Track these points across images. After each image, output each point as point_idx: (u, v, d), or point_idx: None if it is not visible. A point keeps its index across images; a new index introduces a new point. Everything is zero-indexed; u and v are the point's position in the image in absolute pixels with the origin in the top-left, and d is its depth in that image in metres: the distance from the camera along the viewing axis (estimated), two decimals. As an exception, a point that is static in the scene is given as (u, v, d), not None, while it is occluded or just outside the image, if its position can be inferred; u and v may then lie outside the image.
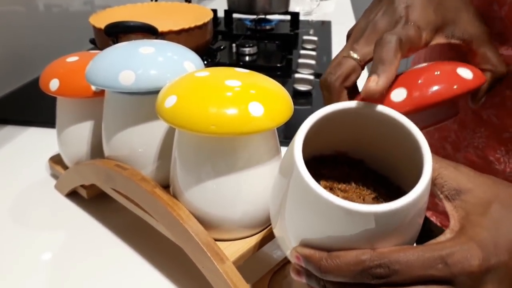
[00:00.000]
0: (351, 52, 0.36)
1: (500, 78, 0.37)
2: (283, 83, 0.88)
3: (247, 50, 1.00)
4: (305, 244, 0.28)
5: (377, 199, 0.31)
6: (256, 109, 0.33)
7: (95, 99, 0.48)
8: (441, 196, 0.28)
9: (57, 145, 0.53)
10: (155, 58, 0.41)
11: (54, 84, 0.47)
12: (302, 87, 0.81)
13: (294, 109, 0.37)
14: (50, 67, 0.49)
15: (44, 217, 0.50)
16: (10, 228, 0.48)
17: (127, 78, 0.39)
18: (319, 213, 0.26)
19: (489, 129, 0.43)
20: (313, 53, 0.94)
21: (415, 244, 0.28)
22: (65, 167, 0.54)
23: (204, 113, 0.33)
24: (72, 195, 0.53)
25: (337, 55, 0.37)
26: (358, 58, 0.35)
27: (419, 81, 0.33)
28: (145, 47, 0.41)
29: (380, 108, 0.29)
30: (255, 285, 0.38)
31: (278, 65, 0.95)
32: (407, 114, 0.32)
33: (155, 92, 0.39)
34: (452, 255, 0.25)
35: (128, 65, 0.39)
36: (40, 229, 0.49)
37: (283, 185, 0.29)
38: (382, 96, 0.33)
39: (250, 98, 0.34)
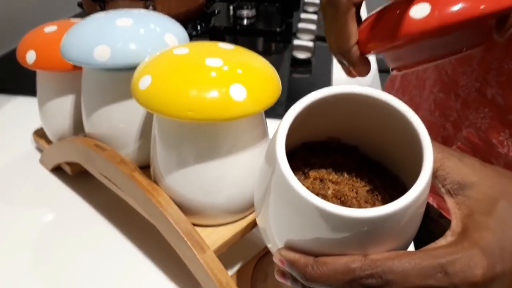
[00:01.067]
0: None
1: None
2: (282, 51, 0.85)
3: (245, 13, 0.95)
4: (290, 246, 0.26)
5: (372, 192, 0.29)
6: (238, 93, 0.31)
7: (75, 72, 0.45)
8: (443, 190, 0.26)
9: (39, 119, 0.51)
10: (133, 31, 0.37)
11: (30, 57, 0.44)
12: (301, 55, 0.77)
13: (293, 78, 0.34)
14: (27, 38, 0.46)
15: (29, 193, 0.49)
16: (-8, 206, 0.47)
17: (102, 54, 0.36)
18: (303, 215, 0.24)
19: (493, 110, 0.40)
20: (314, 17, 0.89)
21: (412, 244, 0.26)
22: (49, 142, 0.52)
23: (181, 97, 0.30)
24: (57, 170, 0.51)
25: None
26: None
27: None
28: (122, 19, 0.38)
29: (376, 93, 0.26)
30: (239, 272, 0.37)
31: (277, 29, 0.91)
32: (430, 34, 0.28)
33: (134, 68, 0.36)
34: (453, 263, 0.22)
35: (103, 39, 0.36)
36: (24, 205, 0.47)
37: (267, 174, 0.27)
38: (395, 14, 0.28)
39: (232, 80, 0.31)
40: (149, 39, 0.38)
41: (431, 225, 0.49)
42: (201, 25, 0.78)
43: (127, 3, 0.64)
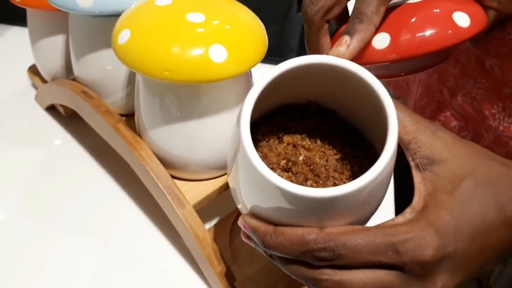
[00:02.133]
0: None
1: (504, 20, 0.31)
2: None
3: None
4: (254, 213, 0.26)
5: (342, 161, 0.29)
6: (218, 54, 0.29)
7: (64, 12, 0.43)
8: (412, 164, 0.26)
9: (32, 57, 0.50)
10: (118, -25, 0.35)
11: (18, -7, 0.43)
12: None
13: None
14: (14, -27, 0.44)
15: (22, 129, 0.50)
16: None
17: (85, 0, 0.35)
18: (264, 190, 0.24)
19: (490, 81, 0.39)
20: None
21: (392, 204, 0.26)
22: (44, 79, 0.51)
23: (158, 55, 0.29)
24: (52, 109, 0.52)
25: None
26: None
27: (407, 26, 0.29)
28: (107, -40, 0.36)
29: (346, 64, 0.25)
30: (217, 225, 0.38)
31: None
32: (390, 62, 0.30)
33: (118, 14, 0.34)
34: (405, 242, 0.23)
35: (86, -17, 0.35)
36: (16, 141, 0.48)
37: (236, 138, 0.27)
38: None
39: (213, 39, 0.30)
40: (135, -16, 0.36)
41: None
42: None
43: None
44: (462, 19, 0.29)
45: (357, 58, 0.30)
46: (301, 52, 0.26)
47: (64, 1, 0.35)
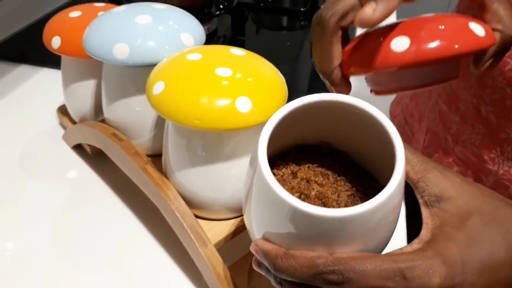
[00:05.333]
0: None
1: (509, 43, 0.32)
2: (306, 31, 0.84)
3: (270, -11, 0.94)
4: (266, 238, 0.28)
5: (353, 197, 0.30)
6: (243, 105, 0.32)
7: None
8: (421, 201, 0.27)
9: (63, 98, 0.53)
10: (151, 29, 0.39)
11: (56, 42, 0.47)
12: (321, 40, 0.77)
13: (313, 62, 0.35)
14: (53, 23, 0.48)
15: (50, 167, 0.53)
16: (17, 177, 0.51)
17: (122, 52, 0.38)
18: (276, 210, 0.25)
19: (487, 127, 0.41)
20: (340, -2, 0.87)
21: (397, 244, 0.27)
22: (72, 119, 0.55)
23: (189, 105, 0.32)
24: (78, 147, 0.55)
25: None
26: None
27: (426, 32, 0.29)
28: (141, 16, 0.40)
29: (355, 101, 0.27)
30: (236, 264, 0.40)
31: (302, 9, 0.90)
32: (407, 66, 0.29)
33: (151, 65, 0.38)
34: (412, 269, 0.23)
35: (122, 37, 0.38)
36: (44, 179, 0.51)
37: (249, 177, 0.29)
38: (378, 42, 0.29)
39: (239, 92, 0.33)
40: (167, 38, 0.39)
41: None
42: (224, 3, 0.78)
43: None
44: (478, 29, 0.30)
45: (375, 62, 0.30)
46: (310, 92, 0.28)
47: (102, 52, 0.38)
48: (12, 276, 0.41)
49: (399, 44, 0.29)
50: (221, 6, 0.78)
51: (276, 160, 0.32)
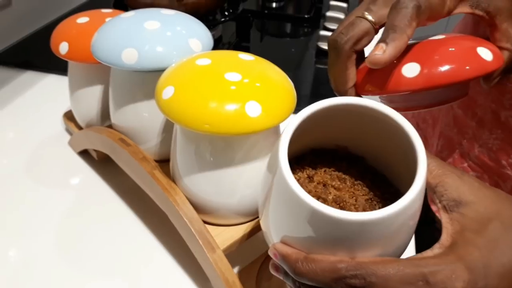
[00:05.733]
0: (366, 13, 0.33)
1: None
2: (309, 38, 0.85)
3: (274, -4, 0.95)
4: (285, 242, 0.27)
5: (371, 201, 0.30)
6: (253, 109, 0.32)
7: (105, 65, 0.47)
8: (439, 205, 0.27)
9: (70, 104, 0.53)
10: (159, 34, 0.39)
11: (63, 48, 0.47)
12: (326, 46, 0.77)
13: (317, 69, 0.36)
14: (60, 29, 0.49)
15: (56, 173, 0.53)
16: (22, 182, 0.51)
17: (130, 57, 0.38)
18: (297, 213, 0.25)
19: (506, 132, 0.41)
20: (344, 5, 0.88)
21: (406, 253, 0.27)
22: (78, 125, 0.55)
23: (199, 110, 0.32)
24: (84, 153, 0.55)
25: (351, 14, 0.34)
26: (373, 20, 0.33)
27: (435, 57, 0.31)
28: (150, 22, 0.40)
29: (376, 105, 0.27)
30: (245, 270, 0.39)
31: (306, 16, 0.90)
32: (417, 91, 0.31)
33: (159, 70, 0.38)
34: (435, 273, 0.23)
35: (131, 42, 0.38)
36: (50, 184, 0.51)
37: (268, 180, 0.29)
38: (390, 67, 0.31)
39: (249, 96, 0.33)
40: (175, 43, 0.39)
41: (437, 234, 0.50)
42: (229, 10, 0.78)
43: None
44: (486, 54, 0.31)
45: (387, 86, 0.31)
46: (313, 99, 0.29)
47: (111, 58, 0.39)
48: (17, 281, 0.41)
49: (410, 70, 0.31)
50: (226, 13, 0.78)
51: (292, 164, 0.32)
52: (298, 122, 0.27)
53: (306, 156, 0.33)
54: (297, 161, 0.33)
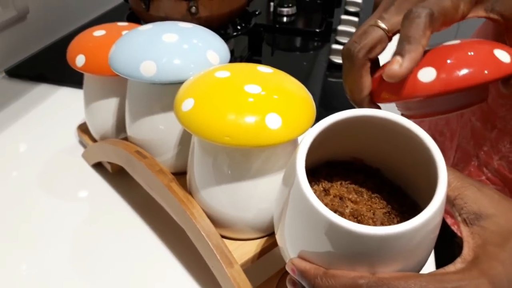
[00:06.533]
0: (379, 21, 0.33)
1: None
2: (320, 52, 0.85)
3: (285, 10, 0.95)
4: (303, 257, 0.27)
5: (389, 215, 0.30)
6: (273, 122, 0.32)
7: (121, 77, 0.47)
8: (459, 218, 0.26)
9: (84, 116, 0.53)
10: (177, 47, 0.39)
11: (80, 60, 0.47)
12: (338, 60, 0.77)
13: (329, 82, 0.36)
14: (77, 41, 0.49)
15: (69, 185, 0.52)
16: (36, 194, 0.51)
17: (149, 69, 0.38)
18: (316, 228, 0.25)
19: None
20: (355, 19, 0.88)
21: (425, 267, 0.27)
22: (92, 137, 0.55)
23: (219, 122, 0.32)
24: (98, 165, 0.54)
25: (364, 23, 0.34)
26: (386, 28, 0.32)
27: (451, 61, 0.30)
28: (168, 34, 0.40)
29: (394, 117, 0.27)
30: (262, 285, 0.39)
31: (317, 30, 0.90)
32: (434, 96, 0.31)
33: (177, 83, 0.38)
34: None
35: (149, 55, 0.38)
36: (64, 197, 0.51)
37: (284, 193, 0.28)
38: (406, 77, 0.31)
39: (269, 108, 0.32)
40: (192, 56, 0.39)
41: (456, 249, 0.49)
42: (241, 25, 0.78)
43: (170, 3, 0.65)
44: (504, 56, 0.31)
45: (403, 92, 0.31)
46: (325, 112, 0.29)
47: (129, 70, 0.39)
48: (32, 296, 0.40)
49: (426, 75, 0.30)
50: (238, 27, 0.78)
51: (307, 176, 0.32)
52: (315, 133, 0.27)
53: (321, 168, 0.33)
54: (312, 173, 0.32)
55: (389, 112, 0.27)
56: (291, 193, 0.26)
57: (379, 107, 0.35)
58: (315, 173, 0.32)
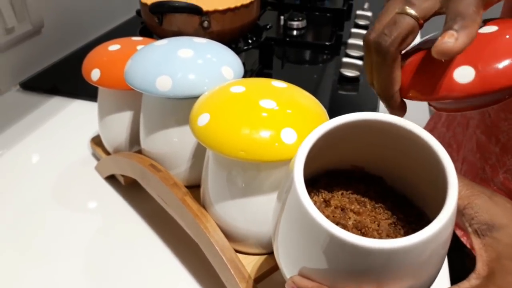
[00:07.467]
0: (407, 7, 0.28)
1: None
2: (330, 65, 0.85)
3: (295, 24, 0.96)
4: (304, 274, 0.25)
5: (395, 226, 0.28)
6: (288, 136, 0.32)
7: (135, 91, 0.48)
8: (470, 229, 0.25)
9: (98, 129, 0.54)
10: (193, 63, 0.40)
11: (95, 74, 0.48)
12: (349, 73, 0.77)
13: (340, 95, 0.35)
14: (92, 56, 0.50)
15: (82, 198, 0.53)
16: (49, 207, 0.51)
17: (164, 84, 0.38)
18: (318, 243, 0.23)
19: None
20: (365, 32, 0.88)
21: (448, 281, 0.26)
22: (106, 150, 0.55)
23: (235, 137, 0.32)
24: (111, 178, 0.55)
25: (387, 10, 0.30)
26: (417, 15, 0.28)
27: (489, 57, 0.27)
28: (184, 50, 0.40)
29: (399, 121, 0.25)
30: (276, 300, 0.38)
31: (327, 43, 0.91)
32: (473, 97, 0.28)
33: (192, 97, 0.38)
34: None
35: (165, 70, 0.39)
36: (76, 209, 0.51)
37: (280, 206, 0.26)
38: (438, 69, 0.27)
39: (284, 123, 0.32)
40: (207, 71, 0.40)
41: (468, 261, 0.49)
42: (252, 38, 0.79)
43: (183, 17, 0.66)
44: None
45: (439, 91, 0.28)
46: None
47: (145, 85, 0.39)
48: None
49: (463, 75, 0.27)
50: (249, 41, 0.79)
51: (306, 187, 0.31)
52: (314, 139, 0.25)
53: (321, 178, 0.31)
54: (311, 183, 0.31)
55: (393, 116, 0.25)
56: (288, 204, 0.25)
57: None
58: (314, 183, 0.31)
